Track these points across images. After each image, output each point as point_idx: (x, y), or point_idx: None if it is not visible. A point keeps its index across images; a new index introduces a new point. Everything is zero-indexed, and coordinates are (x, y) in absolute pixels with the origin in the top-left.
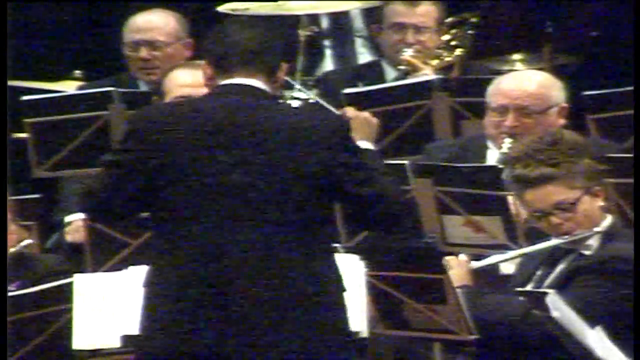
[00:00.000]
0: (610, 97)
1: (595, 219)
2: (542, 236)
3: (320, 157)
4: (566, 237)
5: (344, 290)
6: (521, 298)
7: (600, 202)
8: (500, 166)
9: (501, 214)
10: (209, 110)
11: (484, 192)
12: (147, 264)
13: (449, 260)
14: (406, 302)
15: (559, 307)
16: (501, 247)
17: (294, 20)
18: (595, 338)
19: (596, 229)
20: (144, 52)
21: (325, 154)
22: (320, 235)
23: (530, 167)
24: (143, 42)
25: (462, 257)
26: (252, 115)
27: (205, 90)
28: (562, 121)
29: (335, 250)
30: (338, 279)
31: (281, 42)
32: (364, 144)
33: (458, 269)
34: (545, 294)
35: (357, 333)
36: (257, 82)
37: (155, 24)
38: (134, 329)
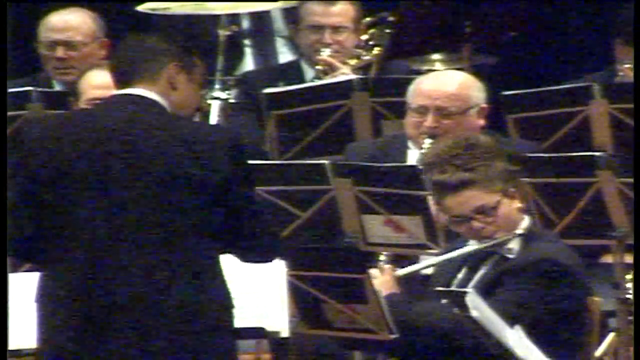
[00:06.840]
0: (529, 97)
1: (514, 221)
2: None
3: (213, 171)
4: (487, 240)
5: (233, 307)
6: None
7: (518, 204)
8: (421, 166)
9: (421, 213)
10: (99, 124)
11: (404, 191)
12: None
13: (372, 271)
14: (327, 301)
15: (478, 307)
16: (422, 247)
17: (213, 20)
18: (515, 337)
19: (517, 231)
20: (60, 52)
21: (218, 168)
22: (208, 250)
23: (447, 172)
24: (60, 41)
25: (386, 265)
26: (140, 130)
27: None
28: (482, 122)
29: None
30: (227, 295)
31: (165, 45)
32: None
33: (383, 277)
34: (465, 293)
35: (278, 332)
36: (145, 92)
37: (72, 23)
38: None
